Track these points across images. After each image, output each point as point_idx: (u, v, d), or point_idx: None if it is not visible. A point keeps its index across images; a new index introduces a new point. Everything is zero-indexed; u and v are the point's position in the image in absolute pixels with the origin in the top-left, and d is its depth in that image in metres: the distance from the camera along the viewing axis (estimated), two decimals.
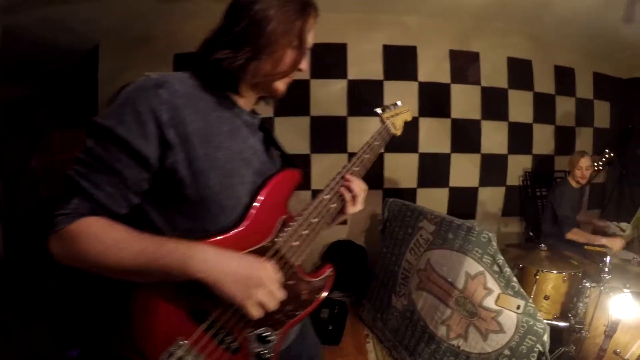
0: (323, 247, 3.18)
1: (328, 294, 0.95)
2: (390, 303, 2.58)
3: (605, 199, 4.06)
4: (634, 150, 3.82)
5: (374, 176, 3.27)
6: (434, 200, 3.41)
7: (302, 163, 3.09)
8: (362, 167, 1.05)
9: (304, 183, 1.01)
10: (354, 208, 0.99)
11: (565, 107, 3.81)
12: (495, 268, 1.94)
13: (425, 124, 3.31)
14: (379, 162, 3.25)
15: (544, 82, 3.70)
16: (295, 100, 3.11)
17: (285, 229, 0.89)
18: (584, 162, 2.87)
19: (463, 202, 3.51)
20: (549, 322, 2.06)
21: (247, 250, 0.83)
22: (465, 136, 3.44)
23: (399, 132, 1.27)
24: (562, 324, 2.07)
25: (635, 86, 4.10)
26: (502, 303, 1.89)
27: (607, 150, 3.35)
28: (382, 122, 1.21)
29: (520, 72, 3.59)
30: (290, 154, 1.05)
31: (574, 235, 2.79)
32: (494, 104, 3.50)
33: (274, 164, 0.98)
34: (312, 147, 3.22)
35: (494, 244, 1.97)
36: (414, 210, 2.61)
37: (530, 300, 1.84)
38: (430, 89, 3.31)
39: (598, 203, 4.05)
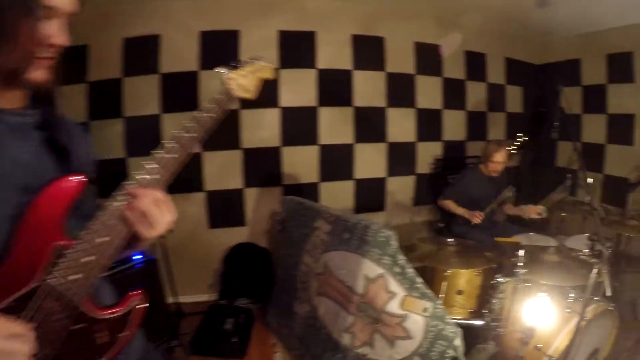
0: (222, 252, 3.06)
1: (233, 303, 0.80)
2: (293, 309, 2.48)
3: (519, 183, 4.21)
4: (546, 134, 3.98)
5: (271, 172, 3.17)
6: (338, 194, 3.36)
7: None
8: (172, 161, 0.83)
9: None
10: (151, 231, 0.77)
11: (476, 93, 3.87)
12: (397, 269, 1.84)
13: (325, 113, 3.23)
14: (274, 157, 3.15)
15: (454, 68, 3.73)
16: (183, 95, 2.92)
17: (61, 260, 0.72)
18: (499, 156, 2.91)
19: (371, 194, 3.48)
20: (463, 321, 2.02)
21: (7, 301, 0.66)
22: (369, 125, 3.39)
23: (248, 95, 1.03)
24: (477, 322, 2.03)
25: (549, 71, 4.28)
26: (407, 306, 1.81)
27: (520, 135, 3.45)
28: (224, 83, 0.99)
29: (428, 57, 3.59)
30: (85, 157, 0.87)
31: (444, 205, 2.98)
32: (400, 90, 3.48)
33: (56, 173, 0.78)
34: (202, 145, 3.06)
35: (393, 243, 1.87)
36: (309, 208, 2.51)
37: (439, 302, 1.75)
38: (330, 77, 3.23)
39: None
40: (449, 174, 3.57)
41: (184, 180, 2.87)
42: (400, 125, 3.52)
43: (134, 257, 2.31)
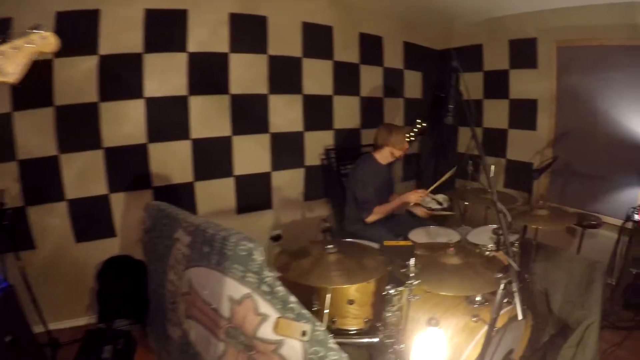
0: (96, 268, 2.81)
1: (112, 325, 0.60)
2: (167, 332, 2.27)
3: (419, 170, 4.38)
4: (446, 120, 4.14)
5: (138, 173, 2.92)
6: (217, 194, 3.22)
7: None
8: None
9: None
10: None
11: (371, 78, 3.86)
12: (265, 288, 1.63)
13: (197, 103, 3.02)
14: (141, 155, 2.90)
15: (347, 51, 3.67)
16: (35, 88, 2.53)
17: None
18: (396, 142, 2.82)
19: (255, 192, 3.38)
20: (353, 340, 1.96)
21: None
22: (249, 114, 3.25)
23: (8, 78, 0.86)
24: (369, 339, 1.95)
25: (449, 57, 4.40)
26: (281, 330, 1.59)
27: (419, 121, 3.52)
28: None
29: (317, 39, 3.49)
30: None
31: (376, 216, 2.79)
32: (285, 75, 3.37)
33: None
34: (60, 146, 2.66)
35: (257, 257, 1.64)
36: (169, 216, 2.26)
37: (319, 324, 1.54)
38: (203, 61, 3.00)
39: (413, 174, 4.34)
40: (342, 165, 3.61)
41: (40, 188, 2.63)
42: (285, 114, 3.41)
43: None
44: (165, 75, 2.94)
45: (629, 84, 3.05)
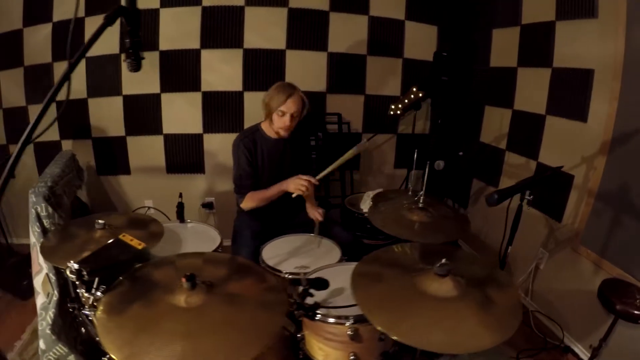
0: None
1: None
2: None
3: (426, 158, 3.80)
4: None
5: (81, 124, 3.63)
6: (148, 150, 3.67)
7: None
8: None
9: None
10: None
11: (348, 30, 3.57)
12: None
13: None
14: (83, 109, 3.58)
15: None
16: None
17: None
18: (291, 105, 2.42)
19: (185, 153, 3.69)
20: None
21: None
22: (179, 71, 3.49)
23: None
24: None
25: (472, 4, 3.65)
26: None
27: (414, 89, 3.23)
28: None
29: None
30: None
31: (250, 202, 2.53)
32: (221, 27, 3.44)
33: None
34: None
35: None
36: None
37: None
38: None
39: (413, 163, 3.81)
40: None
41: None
42: (220, 71, 3.53)
43: None
44: (102, 37, 3.52)
45: None
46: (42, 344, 1.95)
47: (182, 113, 3.63)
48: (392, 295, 1.47)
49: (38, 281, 2.11)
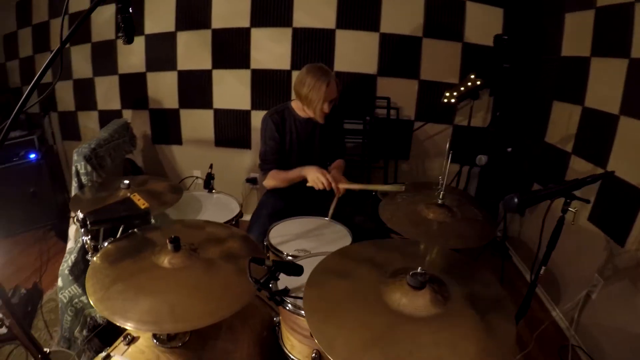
0: None
1: None
2: None
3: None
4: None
5: (139, 97, 4.04)
6: (198, 123, 3.96)
7: None
8: None
9: None
10: None
11: (402, 9, 3.48)
12: None
13: (182, 38, 3.75)
14: (142, 82, 3.97)
15: None
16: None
17: None
18: (332, 92, 2.41)
19: (233, 128, 3.91)
20: None
21: None
22: (229, 48, 3.68)
23: None
24: None
25: None
26: None
27: (472, 76, 3.18)
28: None
29: None
30: None
31: (272, 181, 2.58)
32: (270, 5, 3.54)
33: None
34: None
35: None
36: None
37: None
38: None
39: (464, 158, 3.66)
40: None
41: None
42: (269, 49, 3.64)
43: None
44: (159, 15, 3.80)
45: None
46: (59, 282, 2.24)
47: (231, 89, 3.83)
48: (350, 305, 1.22)
49: (72, 229, 2.45)
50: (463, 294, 1.23)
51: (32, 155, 3.73)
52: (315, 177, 2.34)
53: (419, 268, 1.20)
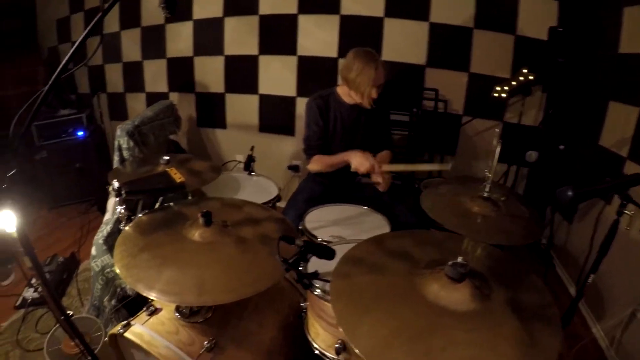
0: None
1: None
2: None
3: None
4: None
5: (186, 80, 4.17)
6: (243, 108, 4.05)
7: None
8: None
9: None
10: None
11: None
12: None
13: (230, 24, 3.84)
14: (189, 66, 4.10)
15: None
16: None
17: None
18: (380, 76, 2.41)
19: (278, 114, 3.96)
20: None
21: None
22: (276, 35, 3.74)
23: None
24: None
25: None
26: None
27: (524, 70, 3.15)
28: None
29: None
30: None
31: (316, 165, 2.62)
32: None
33: None
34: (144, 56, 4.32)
35: None
36: None
37: None
38: None
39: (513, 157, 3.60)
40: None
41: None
42: (316, 36, 3.66)
43: None
44: (208, 1, 3.91)
45: None
46: (93, 251, 2.34)
47: (277, 75, 3.89)
48: (380, 294, 1.19)
49: (110, 201, 2.54)
50: (505, 295, 1.17)
51: (80, 133, 3.97)
52: (360, 162, 2.36)
53: (459, 258, 1.14)
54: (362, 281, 1.24)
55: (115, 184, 1.65)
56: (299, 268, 1.36)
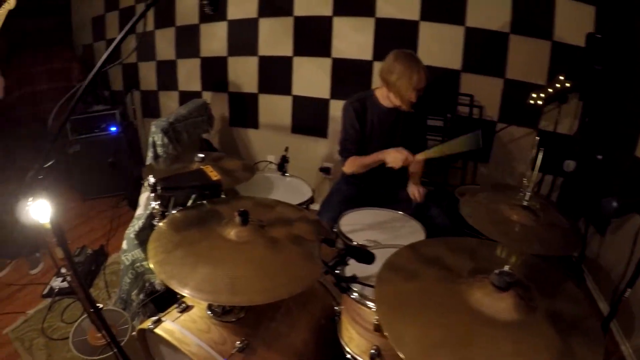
0: None
1: None
2: None
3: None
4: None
5: (220, 80, 4.27)
6: (276, 108, 4.11)
7: None
8: None
9: None
10: None
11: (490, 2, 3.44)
12: None
13: (264, 25, 3.90)
14: (223, 66, 4.20)
15: None
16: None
17: None
18: (422, 80, 2.41)
19: (311, 116, 4.00)
20: None
21: None
22: (311, 36, 3.79)
23: None
24: None
25: None
26: None
27: (561, 77, 3.14)
28: None
29: None
30: None
31: (351, 167, 2.65)
32: None
33: None
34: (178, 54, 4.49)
35: None
36: None
37: None
38: None
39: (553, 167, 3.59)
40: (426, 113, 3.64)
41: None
42: (352, 38, 3.69)
43: None
44: (243, 2, 3.99)
45: None
46: (124, 245, 2.41)
47: (311, 77, 3.94)
48: (423, 300, 1.21)
49: (143, 196, 2.60)
50: (545, 305, 1.18)
51: (113, 129, 4.11)
52: (394, 157, 2.38)
53: (506, 266, 1.15)
54: (405, 287, 1.27)
55: (151, 179, 1.68)
56: (336, 271, 1.39)
